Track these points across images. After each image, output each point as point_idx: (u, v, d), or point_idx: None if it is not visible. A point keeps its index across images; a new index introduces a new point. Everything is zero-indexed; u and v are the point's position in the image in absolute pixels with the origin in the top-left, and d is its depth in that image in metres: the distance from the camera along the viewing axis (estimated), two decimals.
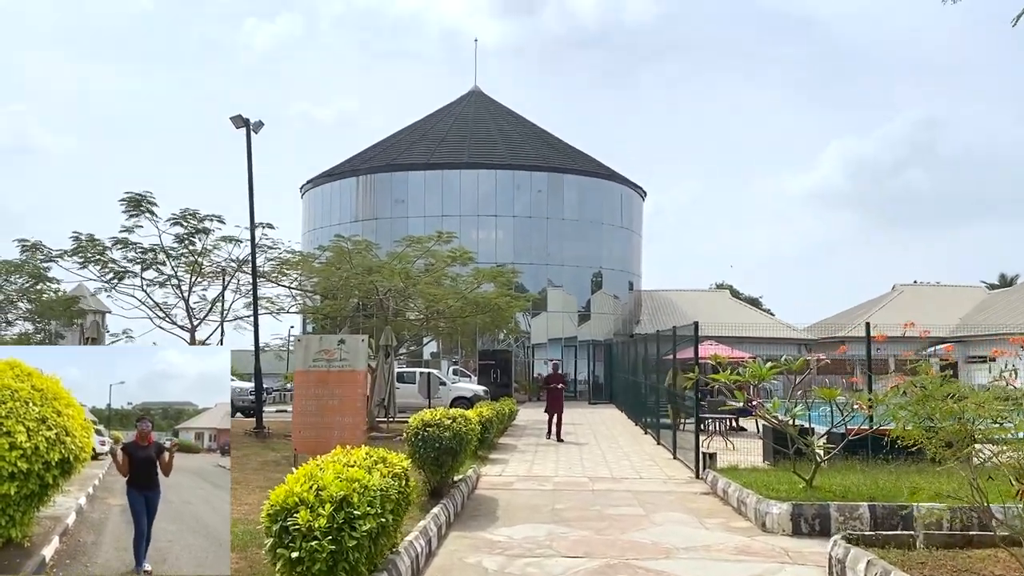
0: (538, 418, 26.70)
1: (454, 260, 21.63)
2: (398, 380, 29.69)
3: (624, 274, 43.23)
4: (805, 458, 13.38)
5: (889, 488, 9.99)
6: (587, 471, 13.92)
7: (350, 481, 4.88)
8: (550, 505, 10.69)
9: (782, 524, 8.80)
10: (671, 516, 9.97)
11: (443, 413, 10.07)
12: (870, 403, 9.31)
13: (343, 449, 5.77)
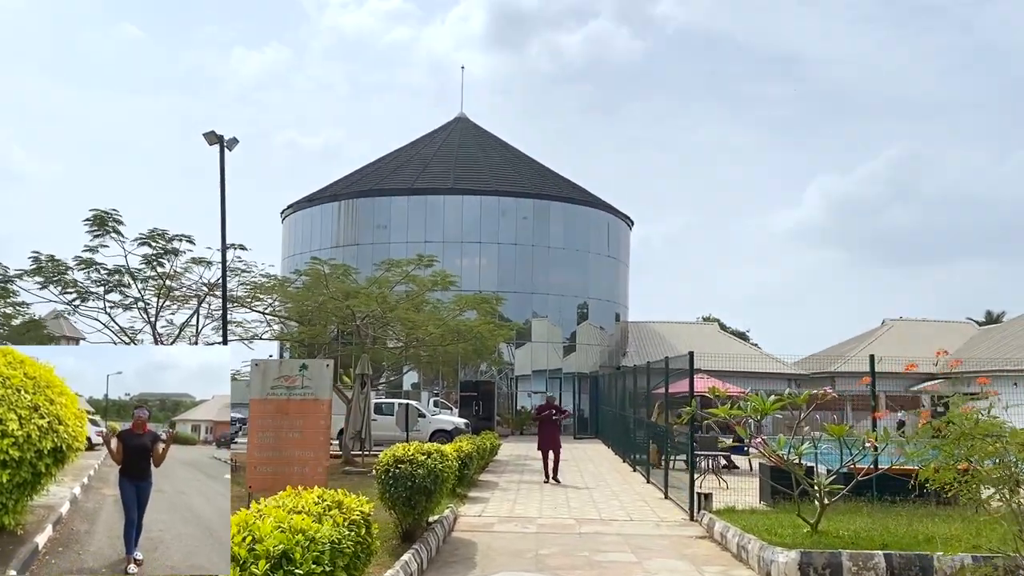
0: (521, 453, 25.71)
1: (435, 285, 20.76)
2: (376, 411, 28.68)
3: (610, 304, 42.49)
4: (807, 499, 12.58)
5: (902, 534, 9.17)
6: (573, 512, 13.00)
7: (293, 532, 4.02)
8: (534, 550, 9.77)
9: (789, 574, 7.93)
10: (666, 564, 9.08)
11: (417, 448, 9.18)
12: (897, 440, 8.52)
13: (293, 491, 4.91)
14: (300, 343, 23.92)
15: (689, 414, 10.66)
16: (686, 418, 10.99)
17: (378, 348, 22.67)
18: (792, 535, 9.20)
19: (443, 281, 20.80)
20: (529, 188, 40.41)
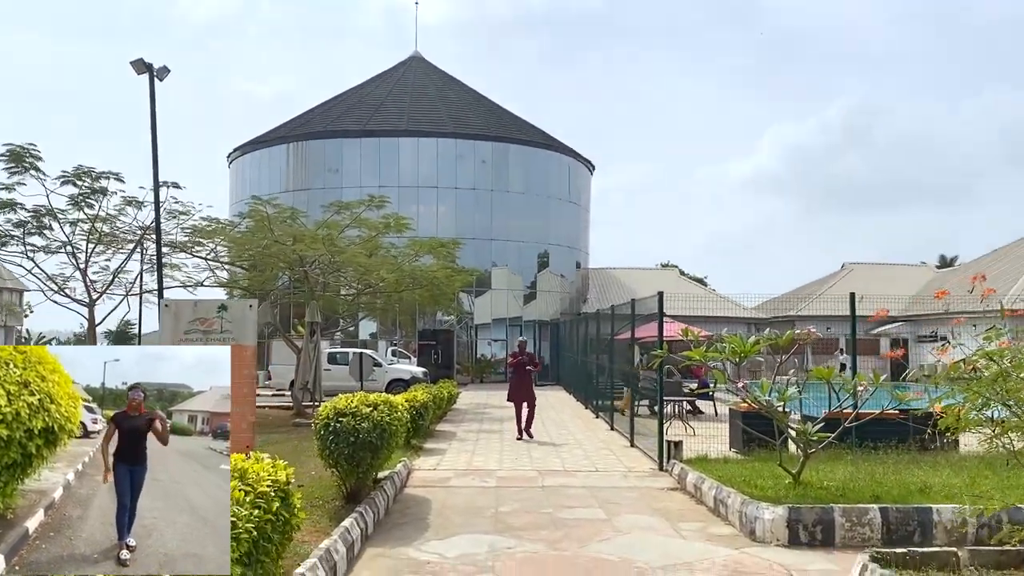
0: (481, 401, 24.95)
1: (388, 228, 19.54)
2: (330, 361, 27.66)
3: (571, 251, 41.59)
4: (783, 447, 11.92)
5: (891, 485, 8.50)
6: (536, 462, 12.19)
7: None
8: (493, 507, 8.92)
9: (776, 532, 7.19)
10: (638, 520, 8.29)
11: (361, 400, 8.19)
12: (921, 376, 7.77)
13: None
14: (247, 291, 22.66)
15: (661, 357, 9.82)
16: (657, 362, 10.17)
17: (329, 295, 21.51)
18: (774, 487, 8.48)
19: (397, 224, 19.59)
20: (487, 130, 38.99)
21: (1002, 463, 10.01)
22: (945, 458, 10.49)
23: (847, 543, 7.12)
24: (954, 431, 4.93)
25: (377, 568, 6.39)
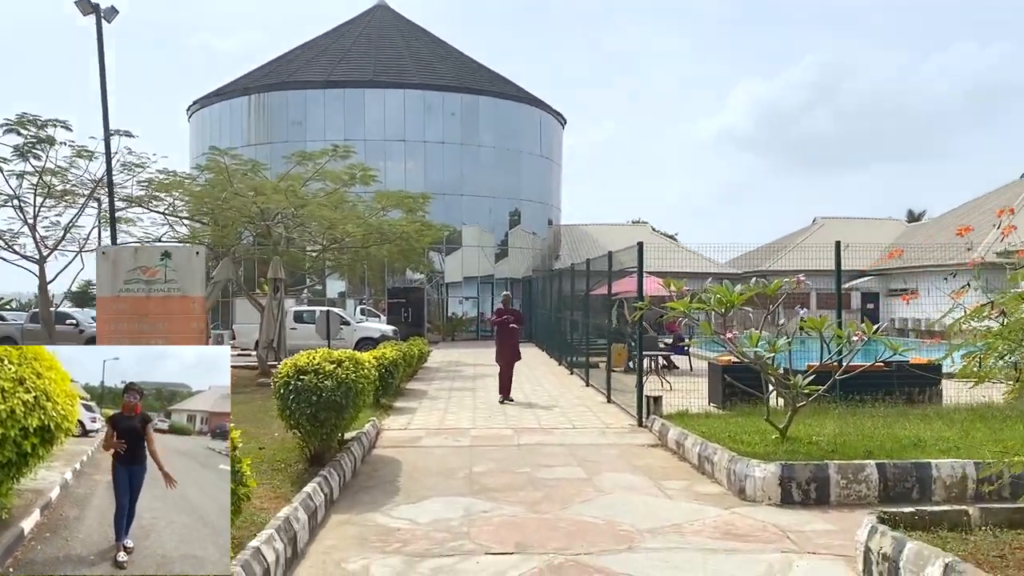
0: (452, 359, 24.47)
1: (353, 180, 18.72)
2: (297, 320, 26.91)
3: (543, 207, 40.90)
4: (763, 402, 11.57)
5: (882, 438, 8.17)
6: (511, 420, 11.74)
7: None
8: (467, 468, 8.45)
9: (768, 491, 6.79)
10: (620, 480, 7.87)
11: (324, 356, 7.62)
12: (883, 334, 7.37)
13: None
14: (208, 247, 21.80)
15: (643, 309, 9.33)
16: (638, 315, 9.69)
17: (294, 251, 20.74)
18: (761, 443, 8.10)
19: (363, 176, 18.77)
20: (456, 82, 37.88)
21: (993, 415, 9.80)
22: (934, 411, 10.21)
23: (842, 501, 6.75)
24: (975, 383, 4.48)
25: (342, 537, 5.88)
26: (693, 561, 5.28)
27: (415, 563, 5.25)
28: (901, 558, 4.38)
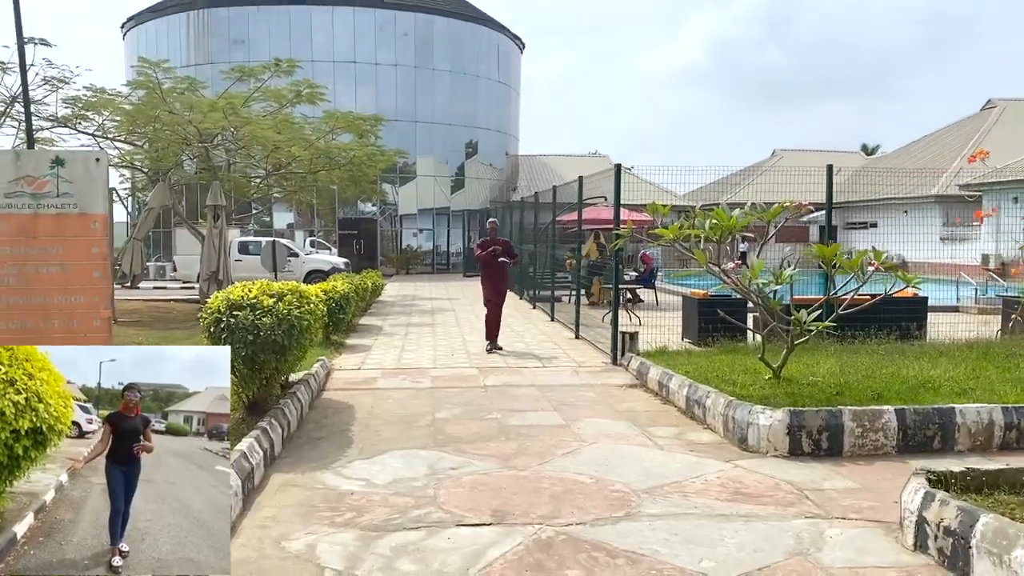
0: (408, 293, 23.42)
1: (298, 98, 17.21)
2: (242, 251, 25.51)
3: (501, 135, 39.44)
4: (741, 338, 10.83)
5: (888, 378, 7.43)
6: (474, 359, 10.82)
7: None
8: (430, 413, 7.53)
9: (774, 441, 5.99)
10: (602, 426, 7.02)
11: (263, 289, 6.53)
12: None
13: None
14: (143, 172, 20.20)
15: (626, 236, 8.37)
16: (620, 243, 8.74)
17: (235, 177, 19.26)
18: (754, 384, 7.33)
19: (310, 94, 17.26)
20: (409, 0, 35.80)
21: (994, 351, 9.17)
22: (930, 347, 9.56)
23: (857, 452, 5.98)
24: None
25: (284, 504, 4.91)
26: (706, 531, 4.44)
27: (372, 540, 4.31)
28: (974, 535, 3.57)
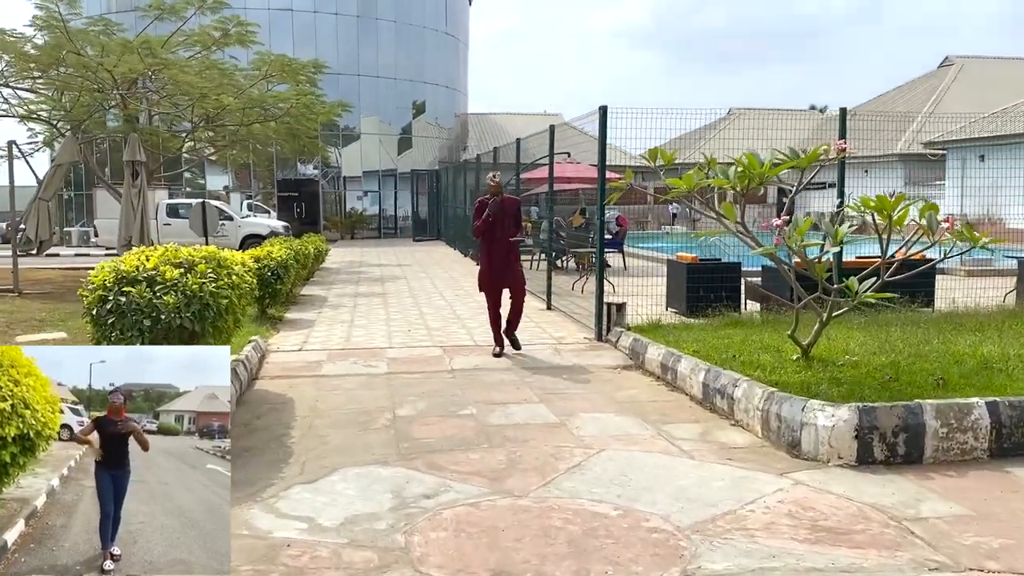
0: (355, 259, 21.71)
1: (226, 37, 15.20)
2: (171, 215, 23.35)
3: (450, 91, 37.45)
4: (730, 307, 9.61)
5: (938, 357, 6.22)
6: (436, 335, 9.34)
7: None
8: (389, 410, 6.06)
9: (838, 446, 4.68)
10: (605, 424, 5.65)
11: (165, 257, 4.93)
12: None
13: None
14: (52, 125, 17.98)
15: (622, 189, 6.92)
16: (616, 197, 7.31)
17: (159, 129, 17.22)
18: (782, 366, 6.11)
19: (239, 34, 15.26)
20: None
21: None
22: (958, 317, 8.40)
23: (940, 458, 4.71)
24: None
25: None
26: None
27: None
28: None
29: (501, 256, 8.12)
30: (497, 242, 8.10)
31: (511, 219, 8.11)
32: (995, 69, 33.85)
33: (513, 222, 8.14)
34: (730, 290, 10.05)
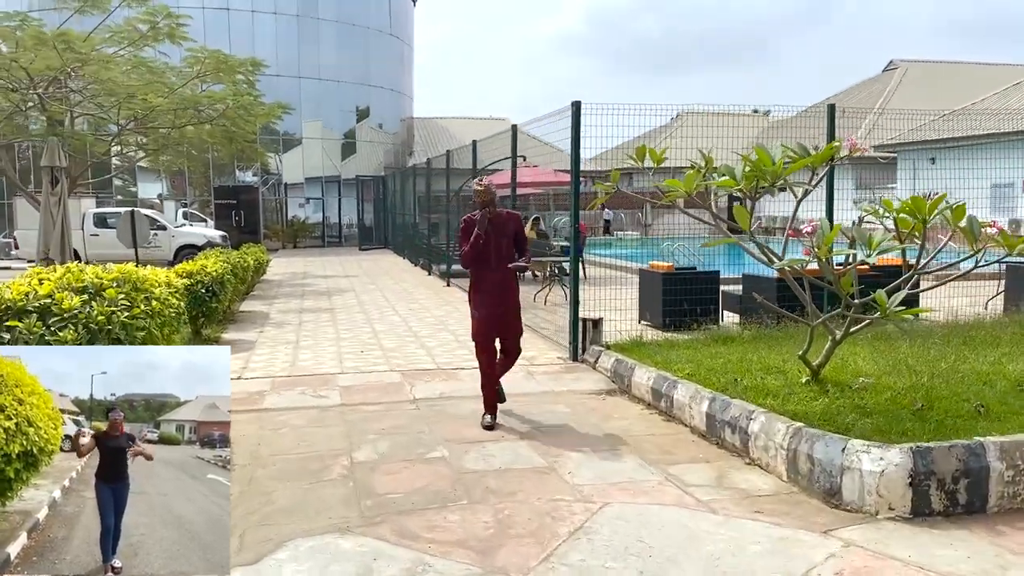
0: (297, 270, 20.55)
1: (155, 30, 13.97)
2: (99, 224, 21.90)
3: (395, 94, 36.33)
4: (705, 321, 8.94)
5: (968, 379, 5.58)
6: (392, 357, 8.41)
7: None
8: (345, 453, 5.16)
9: (889, 496, 3.94)
10: (602, 467, 4.84)
11: (64, 279, 3.95)
12: None
13: None
14: None
15: (610, 193, 6.12)
16: (601, 200, 6.49)
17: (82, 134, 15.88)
18: (792, 391, 5.43)
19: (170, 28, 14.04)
20: None
21: None
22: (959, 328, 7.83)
23: (1006, 507, 4.02)
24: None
25: None
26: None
27: None
28: None
29: (497, 291, 5.95)
30: (492, 272, 5.92)
31: (510, 240, 5.97)
32: (939, 73, 34.26)
33: (514, 244, 5.99)
34: (708, 301, 9.41)
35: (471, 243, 5.87)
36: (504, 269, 5.93)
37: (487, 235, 5.86)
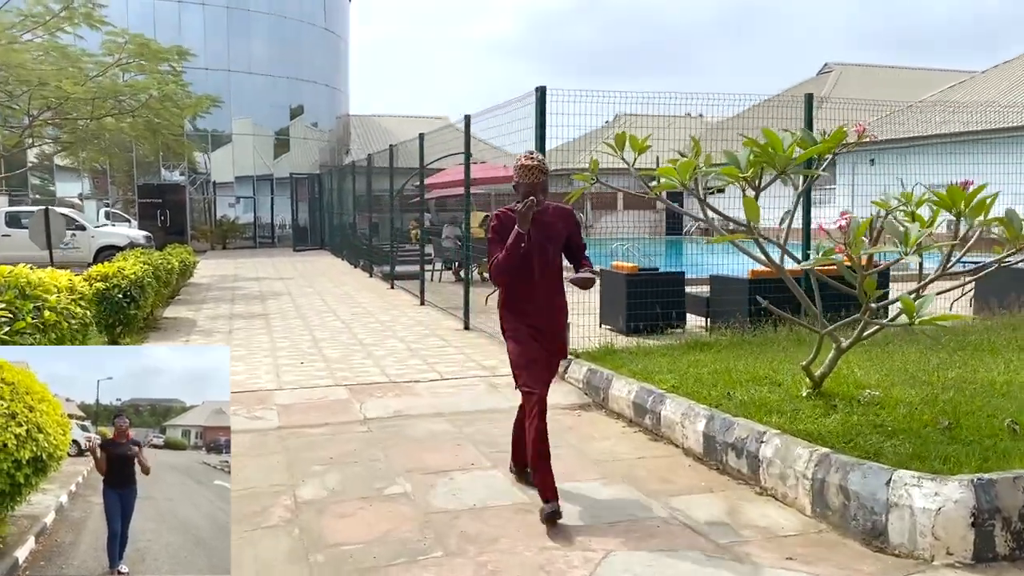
0: (227, 272, 19.34)
1: (68, 11, 12.74)
2: (10, 224, 20.29)
3: (330, 90, 35.08)
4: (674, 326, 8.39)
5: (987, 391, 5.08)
6: (336, 368, 7.55)
7: None
8: (287, 491, 4.36)
9: (948, 538, 3.34)
10: (594, 501, 4.17)
11: None
12: None
13: None
14: None
15: (588, 186, 5.43)
16: (578, 193, 5.80)
17: None
18: (795, 407, 4.86)
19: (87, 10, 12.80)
20: None
21: None
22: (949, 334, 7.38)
23: None
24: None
25: None
26: None
27: None
28: None
29: (545, 310, 4.24)
30: (537, 285, 4.20)
31: (557, 243, 4.27)
32: (872, 76, 34.73)
33: (564, 247, 4.33)
34: (674, 304, 8.85)
35: (508, 247, 4.07)
36: (552, 280, 4.24)
37: (529, 237, 4.08)
